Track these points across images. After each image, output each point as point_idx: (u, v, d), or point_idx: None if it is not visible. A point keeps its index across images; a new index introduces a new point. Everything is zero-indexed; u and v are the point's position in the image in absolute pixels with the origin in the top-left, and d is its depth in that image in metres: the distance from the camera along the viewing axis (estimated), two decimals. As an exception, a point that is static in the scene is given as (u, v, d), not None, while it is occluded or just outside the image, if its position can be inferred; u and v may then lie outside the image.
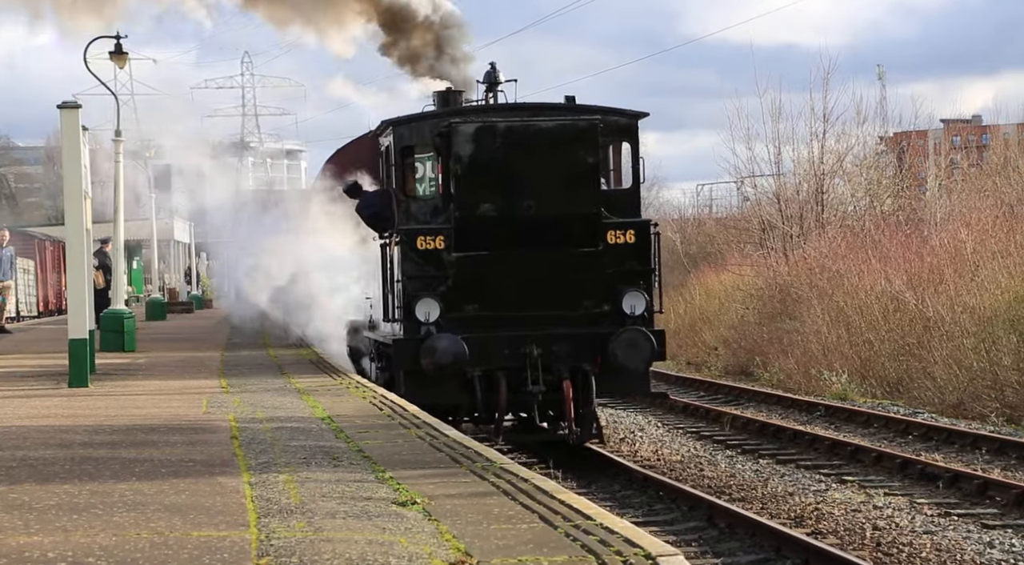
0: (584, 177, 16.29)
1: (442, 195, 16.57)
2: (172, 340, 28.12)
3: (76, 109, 17.07)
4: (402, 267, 16.17)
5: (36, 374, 18.48)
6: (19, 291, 39.50)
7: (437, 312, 15.87)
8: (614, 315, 16.15)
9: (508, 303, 16.11)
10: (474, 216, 16.15)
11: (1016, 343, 22.17)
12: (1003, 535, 12.54)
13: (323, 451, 10.07)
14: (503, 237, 16.13)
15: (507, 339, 15.98)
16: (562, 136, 16.33)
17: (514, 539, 6.55)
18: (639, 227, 16.54)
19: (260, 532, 6.76)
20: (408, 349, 15.87)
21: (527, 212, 16.14)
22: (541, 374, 15.86)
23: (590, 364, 16.12)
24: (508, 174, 16.19)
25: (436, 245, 16.11)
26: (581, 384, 16.05)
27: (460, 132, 16.26)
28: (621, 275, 16.27)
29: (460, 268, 16.12)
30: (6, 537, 6.74)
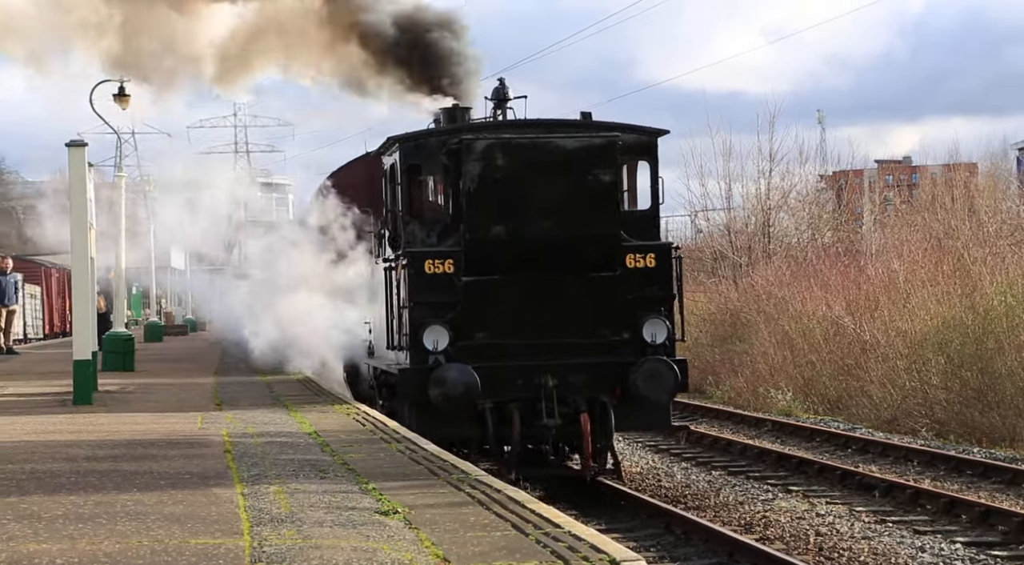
0: (603, 197, 14.22)
1: (452, 216, 14.49)
2: (169, 360, 27.97)
3: (83, 147, 17.01)
4: (409, 292, 14.15)
5: (43, 393, 18.34)
6: (26, 315, 39.25)
7: (446, 340, 13.88)
8: (634, 343, 14.18)
9: (521, 331, 14.12)
10: (486, 238, 14.11)
11: (944, 364, 22.27)
12: (933, 540, 12.57)
13: (310, 464, 10.02)
14: (516, 261, 14.10)
15: (520, 369, 13.96)
16: (580, 154, 14.29)
17: (489, 545, 6.53)
18: (659, 250, 14.54)
19: (253, 539, 6.72)
20: (415, 379, 13.89)
21: (542, 234, 14.11)
22: (556, 406, 13.86)
23: (608, 396, 14.11)
24: (522, 194, 14.15)
25: (445, 269, 14.08)
26: (599, 417, 14.05)
27: (471, 149, 14.16)
28: (641, 301, 14.28)
29: (471, 293, 14.10)
30: (17, 544, 6.68)
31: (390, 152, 15.43)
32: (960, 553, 12.01)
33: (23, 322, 37.86)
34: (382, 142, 15.78)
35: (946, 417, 21.56)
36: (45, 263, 47.35)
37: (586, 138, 14.40)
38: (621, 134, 14.59)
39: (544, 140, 14.35)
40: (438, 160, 14.56)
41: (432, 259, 14.12)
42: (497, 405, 13.87)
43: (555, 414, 13.84)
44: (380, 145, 15.99)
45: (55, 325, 45.82)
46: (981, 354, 21.92)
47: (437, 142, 14.69)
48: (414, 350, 13.95)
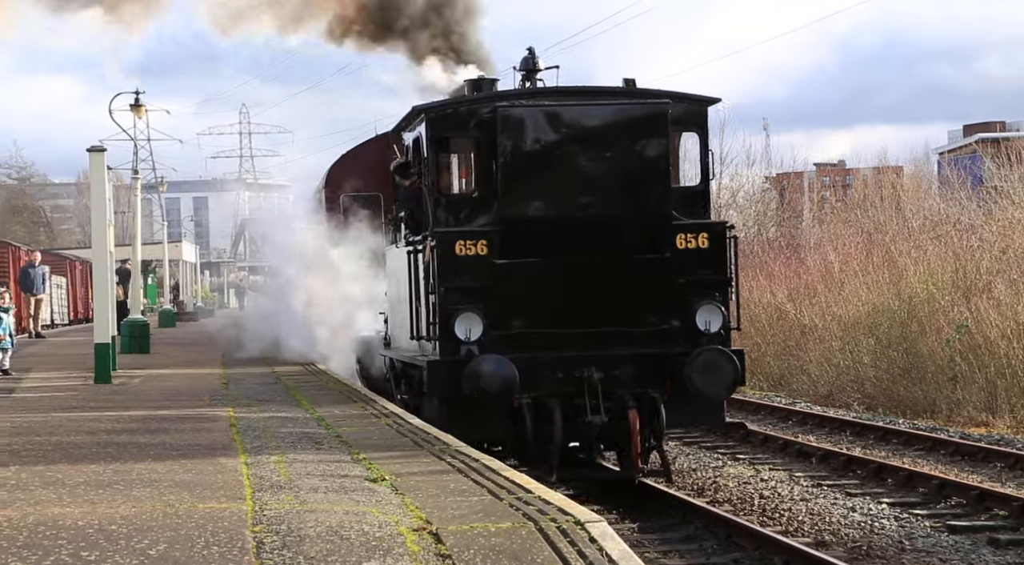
0: (653, 171, 11.80)
1: (484, 193, 11.97)
2: (181, 344, 27.84)
3: (102, 152, 16.94)
4: (438, 277, 11.61)
5: (67, 372, 18.25)
6: (53, 303, 39.06)
7: (480, 329, 11.41)
8: (686, 332, 11.73)
9: (563, 318, 11.67)
10: (523, 217, 11.72)
11: (873, 345, 22.37)
12: (863, 501, 12.63)
13: (307, 437, 9.99)
14: (557, 241, 11.72)
15: (562, 361, 11.54)
16: (627, 123, 11.87)
17: (467, 509, 6.53)
18: (713, 230, 12.01)
19: (255, 504, 6.70)
20: (445, 373, 11.39)
21: (585, 212, 11.74)
22: (602, 402, 11.46)
23: (658, 390, 11.68)
24: (563, 168, 11.75)
25: (478, 251, 11.64)
26: (647, 413, 11.64)
27: (507, 119, 11.76)
28: (693, 286, 11.84)
29: (506, 277, 11.64)
30: (43, 508, 6.65)
31: (413, 125, 12.84)
32: (886, 513, 12.07)
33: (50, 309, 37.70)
34: (403, 117, 13.25)
35: (875, 392, 21.67)
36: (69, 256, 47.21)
37: (634, 106, 12.00)
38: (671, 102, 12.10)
39: (587, 109, 11.94)
40: (469, 132, 12.11)
41: (463, 240, 11.66)
42: (536, 401, 11.46)
43: (600, 410, 11.44)
44: (401, 120, 13.41)
45: (78, 312, 45.60)
46: (906, 336, 22.03)
47: (468, 112, 12.13)
48: (444, 340, 11.50)
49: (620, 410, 11.51)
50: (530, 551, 5.54)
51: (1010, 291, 21.19)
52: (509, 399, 11.26)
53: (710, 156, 12.33)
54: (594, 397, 11.47)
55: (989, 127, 53.90)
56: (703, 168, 12.35)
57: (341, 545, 5.66)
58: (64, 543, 5.73)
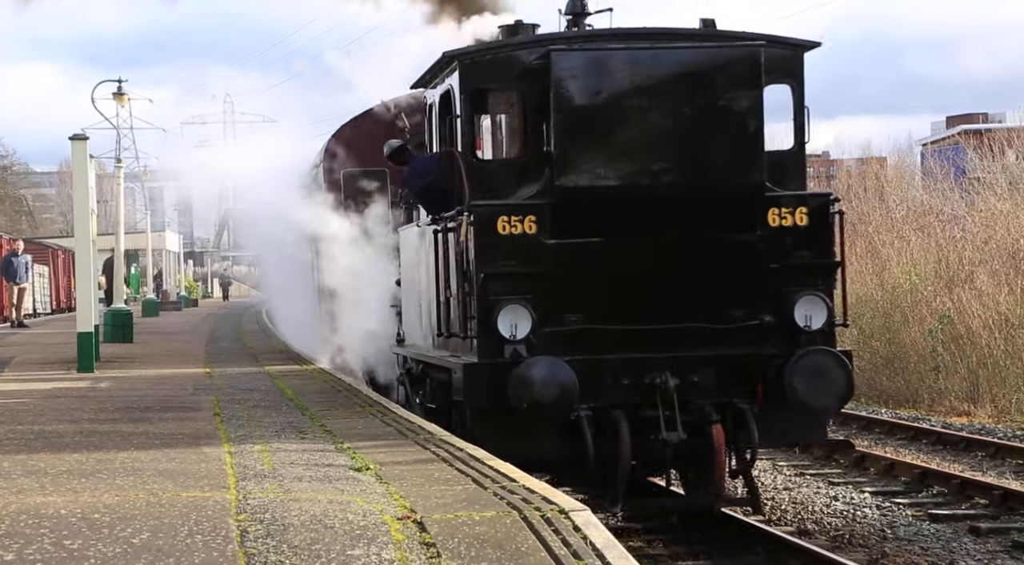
0: (742, 130, 9.56)
1: (533, 158, 9.87)
2: (164, 333, 27.76)
3: (84, 140, 16.86)
4: (476, 261, 9.51)
5: (50, 361, 18.17)
6: (35, 292, 38.93)
7: (528, 325, 9.35)
8: (781, 329, 9.66)
9: (629, 312, 9.58)
10: (581, 187, 9.51)
11: (857, 335, 22.41)
12: (845, 490, 12.68)
13: (292, 426, 9.96)
14: (623, 217, 9.55)
15: (628, 364, 9.47)
16: (712, 71, 9.60)
17: (451, 498, 6.52)
18: (814, 204, 9.83)
19: (239, 493, 6.68)
20: (486, 379, 9.34)
21: (658, 181, 9.53)
22: (678, 414, 9.36)
23: (748, 400, 9.55)
24: (631, 126, 9.54)
25: (525, 229, 9.49)
26: (732, 429, 9.55)
27: (563, 66, 9.48)
28: (789, 272, 9.73)
29: (560, 261, 9.53)
30: (26, 497, 6.62)
31: (442, 77, 10.49)
32: (868, 501, 12.12)
33: (33, 298, 37.59)
34: (427, 69, 10.79)
35: (858, 381, 21.63)
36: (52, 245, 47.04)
37: (719, 51, 9.71)
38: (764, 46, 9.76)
39: (661, 54, 9.69)
40: (514, 82, 10.03)
41: (507, 215, 9.49)
42: (597, 413, 9.35)
43: (677, 425, 9.32)
44: (424, 72, 10.90)
45: (61, 301, 45.49)
46: (889, 326, 22.11)
47: (512, 58, 9.92)
48: (485, 338, 9.42)
49: (700, 424, 9.41)
50: (514, 539, 5.54)
51: (992, 282, 21.29)
52: (567, 411, 9.15)
53: (806, 113, 10.15)
54: (669, 408, 9.34)
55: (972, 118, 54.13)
56: (798, 128, 10.18)
57: (325, 534, 5.65)
58: (46, 532, 5.71)
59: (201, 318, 37.50)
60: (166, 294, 54.64)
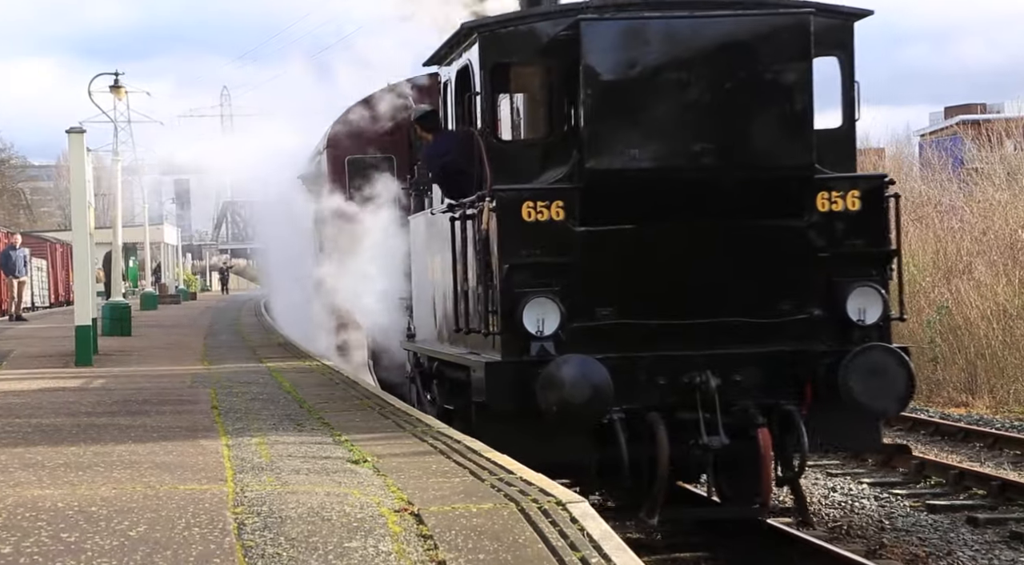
0: (791, 107, 8.78)
1: (561, 138, 9.22)
2: (162, 326, 27.76)
3: (81, 133, 16.85)
4: (499, 250, 8.79)
5: (48, 354, 18.17)
6: (34, 285, 38.94)
7: (556, 320, 8.65)
8: (832, 323, 8.94)
9: (666, 305, 8.86)
10: (614, 169, 8.74)
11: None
12: (843, 481, 12.69)
13: (289, 418, 9.97)
14: (659, 202, 8.80)
15: (665, 362, 8.77)
16: (756, 42, 8.81)
17: (448, 490, 6.52)
18: (867, 187, 9.11)
19: (236, 486, 6.68)
20: (511, 379, 8.65)
21: (697, 162, 8.74)
22: (720, 417, 8.63)
23: (795, 401, 8.82)
24: (669, 103, 8.75)
25: (552, 215, 8.76)
26: (779, 433, 8.75)
27: (594, 36, 8.70)
28: (841, 261, 8.99)
29: (590, 250, 8.82)
30: (23, 490, 6.62)
31: (459, 52, 9.73)
32: (866, 493, 12.14)
33: (31, 292, 37.61)
34: (442, 44, 10.01)
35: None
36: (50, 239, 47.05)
37: (765, 18, 8.91)
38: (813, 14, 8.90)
39: (701, 23, 8.87)
40: (540, 56, 9.24)
41: (533, 201, 8.77)
42: (630, 415, 8.61)
43: (719, 429, 8.59)
44: (439, 47, 10.10)
45: (59, 294, 45.50)
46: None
47: (537, 29, 9.13)
48: (508, 335, 8.71)
49: (743, 428, 8.65)
50: (511, 531, 5.54)
51: (990, 272, 21.29)
52: (600, 414, 8.42)
53: (856, 88, 9.32)
54: (709, 410, 8.60)
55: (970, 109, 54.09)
56: (847, 103, 9.34)
57: (322, 526, 5.65)
58: (44, 525, 5.70)
59: (199, 311, 37.50)
60: (164, 287, 54.65)
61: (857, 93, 9.35)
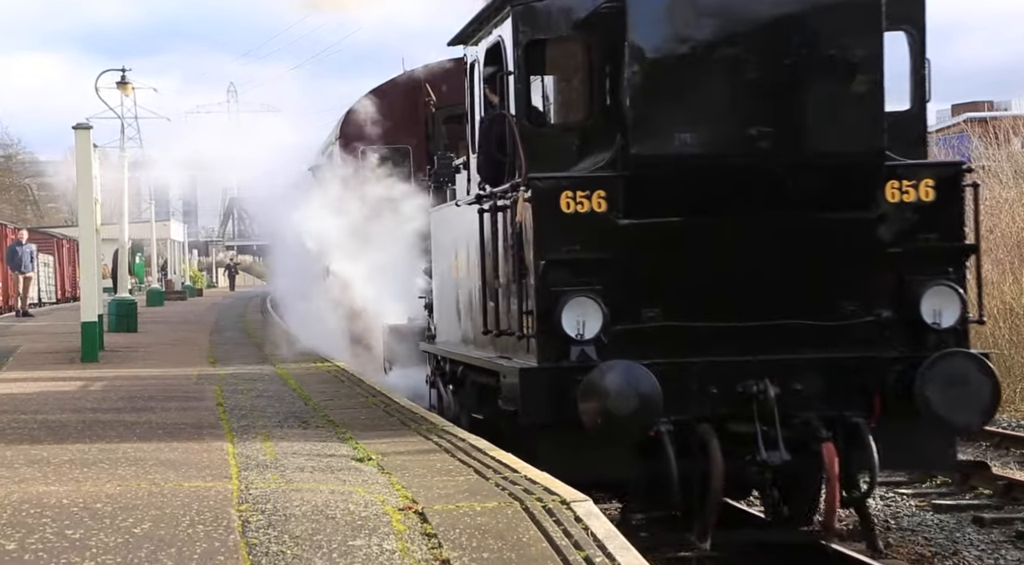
0: (859, 87, 7.93)
1: (603, 120, 8.26)
2: (169, 323, 27.79)
3: (88, 130, 16.89)
4: (535, 245, 7.96)
5: (54, 350, 18.20)
6: (40, 281, 39.00)
7: (598, 322, 7.79)
8: (904, 327, 8.08)
9: (717, 306, 8.01)
10: (662, 156, 7.93)
11: None
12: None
13: (294, 416, 9.97)
14: (711, 192, 7.99)
15: (717, 369, 7.92)
16: (822, 15, 7.94)
17: (453, 488, 6.52)
18: (942, 175, 8.25)
19: (241, 483, 6.68)
20: (548, 387, 7.80)
21: (754, 148, 7.90)
22: (779, 430, 7.75)
23: (862, 412, 7.94)
24: (723, 83, 7.92)
25: (593, 206, 7.93)
26: (844, 448, 7.85)
27: (640, 10, 7.91)
28: (913, 257, 8.12)
29: (635, 245, 7.98)
30: (28, 486, 6.63)
31: (488, 29, 8.94)
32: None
33: (38, 288, 37.69)
34: (469, 21, 9.26)
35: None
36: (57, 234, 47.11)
37: None
38: None
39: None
40: (579, 31, 8.35)
41: (572, 190, 7.93)
42: (679, 427, 7.76)
43: (779, 444, 7.72)
44: (466, 25, 9.35)
45: (66, 290, 45.56)
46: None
47: (576, 2, 8.31)
48: (545, 338, 7.87)
49: (805, 442, 7.82)
50: (516, 530, 5.53)
51: (996, 270, 21.25)
52: (648, 426, 7.60)
53: (927, 67, 8.47)
54: (768, 422, 7.76)
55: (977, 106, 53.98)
56: (917, 84, 8.50)
57: (327, 524, 5.65)
58: (48, 521, 5.71)
59: (206, 308, 37.54)
60: (171, 284, 54.71)
61: (928, 71, 8.48)
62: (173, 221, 67.07)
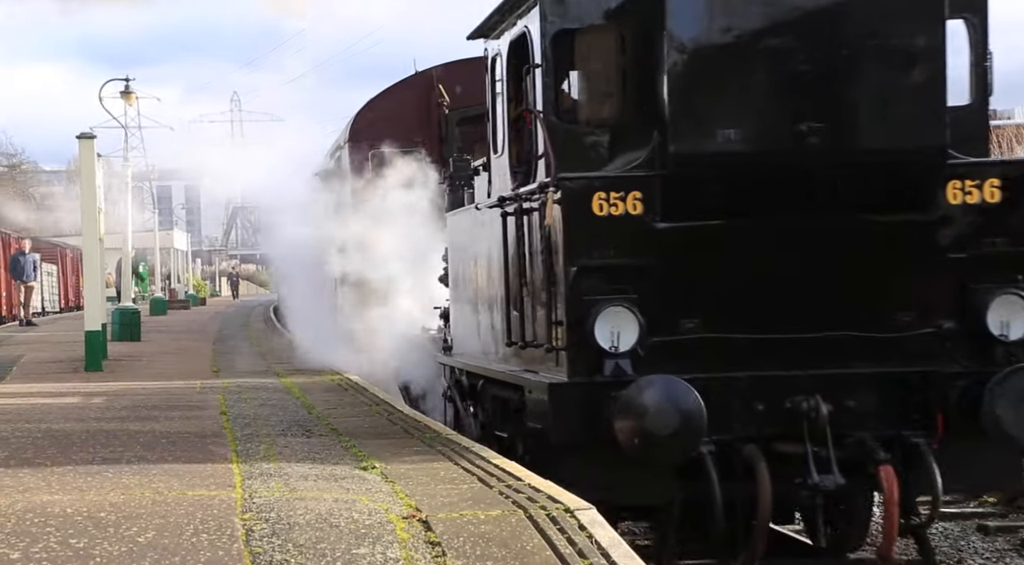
0: (920, 78, 7.29)
1: (639, 116, 7.60)
2: (172, 332, 27.80)
3: (92, 139, 16.92)
4: (565, 250, 7.37)
5: (58, 360, 18.21)
6: (44, 290, 39.06)
7: (634, 333, 7.20)
8: (968, 339, 7.45)
9: (763, 316, 7.39)
10: (703, 154, 7.29)
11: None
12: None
13: (298, 424, 9.97)
14: (757, 193, 7.37)
15: (763, 384, 7.30)
16: (880, 1, 7.31)
17: (456, 497, 6.52)
18: (1009, 174, 7.61)
19: (244, 492, 6.69)
20: (580, 404, 7.21)
21: (804, 146, 7.25)
22: (832, 451, 7.13)
23: (923, 432, 7.31)
24: (772, 73, 7.27)
25: (628, 208, 7.31)
26: (903, 470, 7.21)
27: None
28: (977, 264, 7.49)
29: (674, 251, 7.39)
30: (32, 495, 6.63)
31: (512, 19, 8.28)
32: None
33: (41, 297, 37.74)
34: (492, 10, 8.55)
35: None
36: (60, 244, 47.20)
37: None
38: None
39: None
40: (612, 20, 7.74)
41: (605, 191, 7.32)
42: (722, 448, 7.15)
43: (832, 466, 7.11)
44: (489, 15, 8.64)
45: (69, 300, 45.63)
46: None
47: None
48: (577, 350, 7.29)
49: (860, 464, 7.20)
50: (519, 538, 5.53)
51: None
52: (691, 448, 6.98)
53: (989, 59, 7.88)
54: (820, 442, 7.13)
55: (980, 116, 53.87)
56: (979, 76, 7.89)
57: (331, 532, 5.65)
58: (52, 530, 5.71)
59: (209, 317, 37.55)
60: (174, 293, 54.76)
61: (990, 64, 7.90)
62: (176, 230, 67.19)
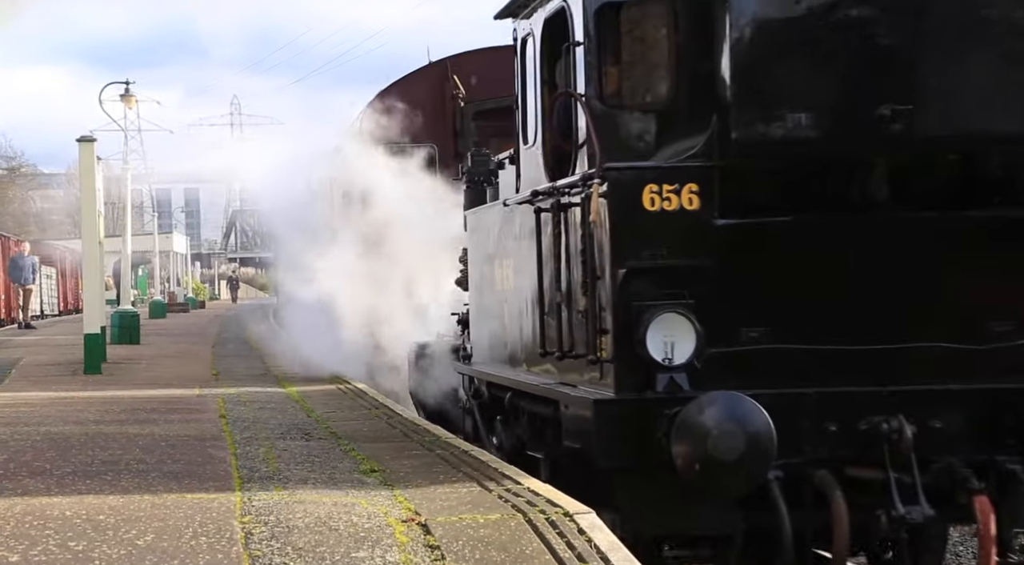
0: (1019, 55, 6.38)
1: (694, 101, 6.63)
2: (171, 335, 27.80)
3: (92, 142, 16.95)
4: (612, 249, 6.50)
5: (57, 362, 18.20)
6: (43, 293, 39.07)
7: (691, 343, 6.33)
8: None
9: (835, 325, 6.52)
10: (769, 142, 6.38)
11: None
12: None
13: (297, 428, 9.97)
14: (830, 186, 6.60)
15: (836, 402, 6.43)
16: None
17: (456, 501, 6.52)
18: None
19: (243, 495, 6.69)
20: (630, 423, 6.35)
21: (886, 134, 6.32)
22: (918, 478, 6.29)
23: (1020, 459, 6.45)
24: (848, 52, 6.34)
25: (683, 203, 6.44)
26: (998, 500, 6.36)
27: None
28: None
29: (735, 251, 6.51)
30: (31, 498, 6.63)
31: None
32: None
33: (40, 300, 37.75)
34: None
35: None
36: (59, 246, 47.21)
37: None
38: None
39: None
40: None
41: (657, 184, 6.46)
42: (790, 474, 6.30)
43: (918, 495, 6.28)
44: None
45: (68, 303, 45.65)
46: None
47: None
48: (624, 362, 6.42)
49: (949, 492, 6.36)
50: (519, 542, 5.53)
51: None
52: (759, 475, 6.13)
53: None
54: (902, 468, 6.30)
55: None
56: None
57: (330, 536, 5.65)
58: (51, 533, 5.71)
59: (208, 320, 37.56)
60: (173, 296, 54.78)
61: None
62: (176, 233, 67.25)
